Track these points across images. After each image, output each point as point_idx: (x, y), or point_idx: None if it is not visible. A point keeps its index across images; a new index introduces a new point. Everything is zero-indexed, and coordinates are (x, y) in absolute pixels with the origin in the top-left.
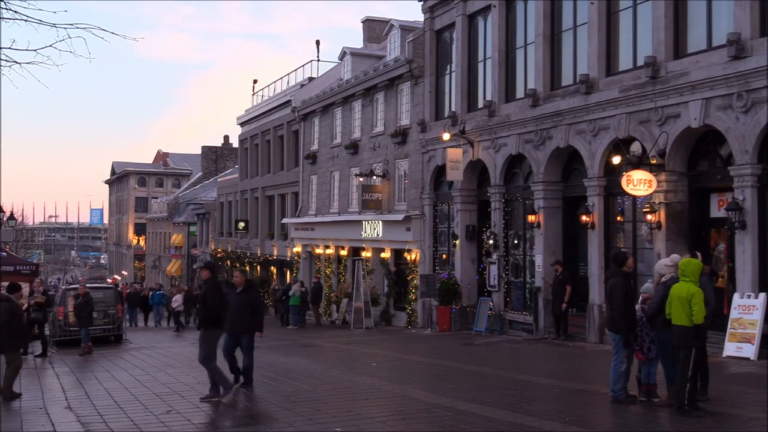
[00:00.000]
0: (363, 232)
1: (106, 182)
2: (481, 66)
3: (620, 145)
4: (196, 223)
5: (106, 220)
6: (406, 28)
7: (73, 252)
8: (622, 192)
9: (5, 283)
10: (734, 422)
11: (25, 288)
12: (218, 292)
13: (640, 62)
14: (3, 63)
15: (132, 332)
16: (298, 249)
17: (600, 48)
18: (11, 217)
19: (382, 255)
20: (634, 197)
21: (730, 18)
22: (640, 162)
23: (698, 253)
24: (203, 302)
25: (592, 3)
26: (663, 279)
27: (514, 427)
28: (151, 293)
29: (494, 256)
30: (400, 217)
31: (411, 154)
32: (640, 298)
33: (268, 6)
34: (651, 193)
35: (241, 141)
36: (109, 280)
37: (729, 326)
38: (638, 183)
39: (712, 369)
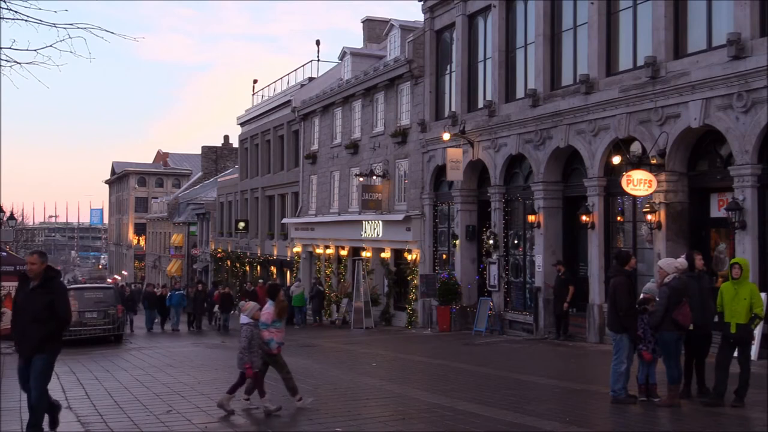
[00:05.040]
0: (363, 232)
1: (106, 182)
2: (481, 66)
3: (620, 145)
4: (196, 223)
5: (106, 220)
6: (406, 28)
7: (73, 252)
8: (622, 192)
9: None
10: (734, 422)
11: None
12: None
13: (640, 62)
14: (3, 63)
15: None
16: (298, 249)
17: (600, 48)
18: (11, 217)
19: (382, 255)
20: (634, 197)
21: (730, 18)
22: (640, 162)
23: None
24: None
25: (592, 3)
26: (666, 280)
27: (514, 427)
28: (169, 293)
29: (494, 256)
30: (400, 217)
31: (411, 154)
32: (641, 297)
33: (267, 7)
34: (651, 193)
35: (241, 141)
36: (109, 280)
37: None
38: (638, 183)
39: (713, 369)
